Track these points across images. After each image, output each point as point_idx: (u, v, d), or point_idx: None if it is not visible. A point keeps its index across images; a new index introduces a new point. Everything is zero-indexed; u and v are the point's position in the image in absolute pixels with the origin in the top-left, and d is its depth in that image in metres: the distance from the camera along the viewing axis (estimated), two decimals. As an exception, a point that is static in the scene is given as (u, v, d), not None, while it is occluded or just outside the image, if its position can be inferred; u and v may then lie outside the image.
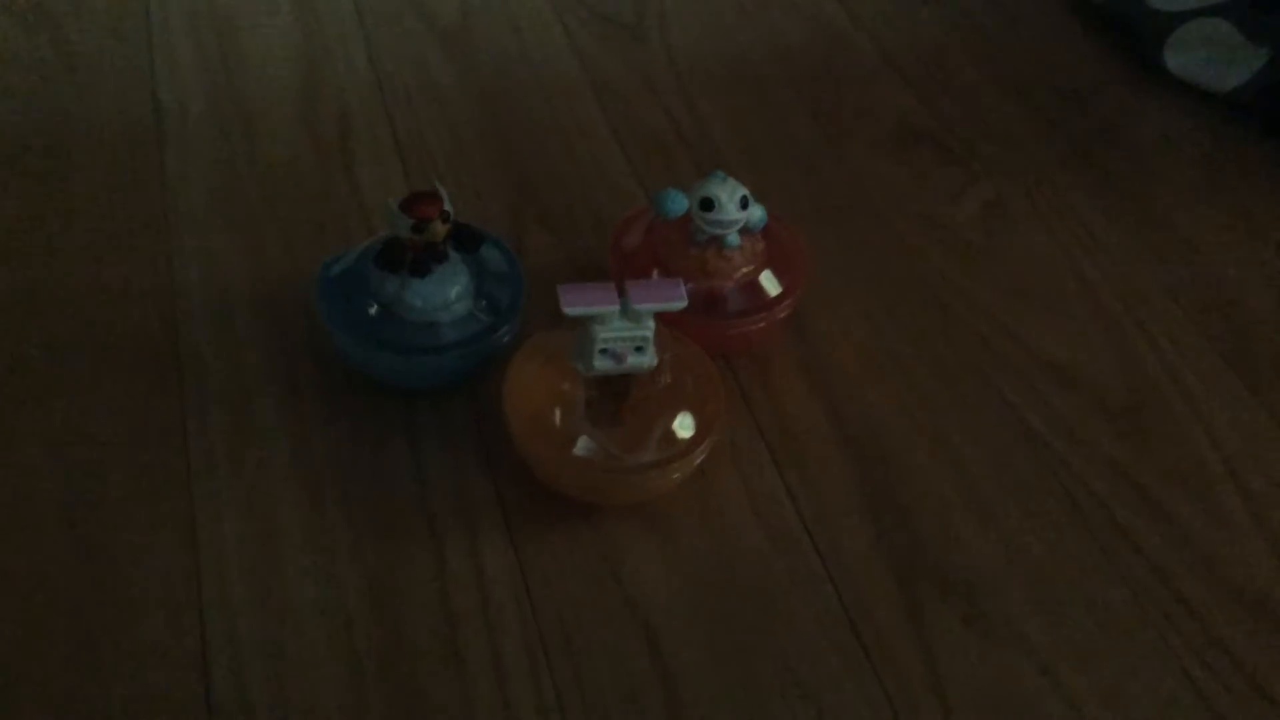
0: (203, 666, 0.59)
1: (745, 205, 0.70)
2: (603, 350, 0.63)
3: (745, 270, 0.72)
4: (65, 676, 0.59)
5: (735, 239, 0.71)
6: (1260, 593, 0.66)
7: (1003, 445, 0.72)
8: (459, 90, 0.92)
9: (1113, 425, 0.73)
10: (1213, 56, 0.95)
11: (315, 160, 0.86)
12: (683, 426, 0.65)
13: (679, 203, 0.69)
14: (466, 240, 0.68)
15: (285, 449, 0.68)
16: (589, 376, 0.64)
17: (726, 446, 0.70)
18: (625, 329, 0.62)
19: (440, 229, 0.66)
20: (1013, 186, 0.88)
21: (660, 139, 0.90)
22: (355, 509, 0.66)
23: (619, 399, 0.65)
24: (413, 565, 0.64)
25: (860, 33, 1.01)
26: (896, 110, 0.94)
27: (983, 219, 0.86)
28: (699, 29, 1.00)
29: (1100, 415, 0.74)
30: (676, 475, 0.65)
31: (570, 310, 0.62)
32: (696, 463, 0.65)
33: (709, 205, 0.69)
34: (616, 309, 0.62)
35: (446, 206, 0.66)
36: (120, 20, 0.95)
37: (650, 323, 0.63)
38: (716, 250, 0.71)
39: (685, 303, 0.63)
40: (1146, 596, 0.65)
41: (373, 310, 0.68)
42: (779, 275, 0.73)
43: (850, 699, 0.60)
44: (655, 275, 0.71)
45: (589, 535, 0.66)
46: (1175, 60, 0.96)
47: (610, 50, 0.97)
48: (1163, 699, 0.61)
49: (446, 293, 0.68)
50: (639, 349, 0.63)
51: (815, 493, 0.69)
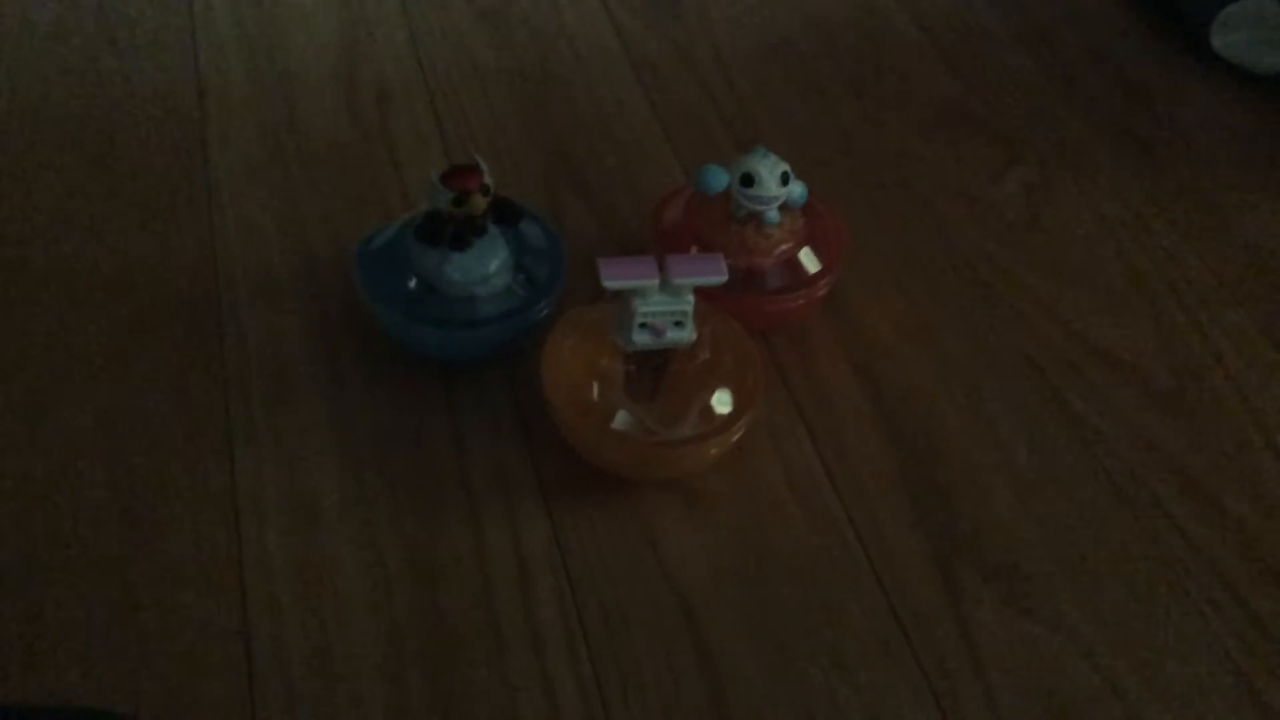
0: (244, 635, 0.60)
1: (786, 181, 0.69)
2: (642, 324, 0.63)
3: (784, 247, 0.72)
4: (107, 644, 0.59)
5: (775, 215, 0.70)
6: (1304, 576, 0.65)
7: (1043, 425, 0.71)
8: (498, 67, 0.92)
9: (1156, 407, 0.72)
10: (1258, 37, 0.94)
11: (355, 135, 0.86)
12: (721, 402, 0.64)
13: (719, 178, 0.69)
14: (506, 214, 0.68)
15: (325, 420, 0.69)
16: (628, 351, 0.64)
17: (764, 423, 0.70)
18: (665, 303, 0.62)
19: (480, 202, 0.66)
20: (1055, 166, 0.87)
21: (699, 116, 0.89)
22: (395, 480, 0.66)
23: (657, 374, 0.65)
24: (451, 537, 0.64)
25: (902, 10, 1.00)
26: (938, 89, 0.93)
27: (1025, 198, 0.85)
28: (739, 6, 0.99)
29: (1143, 397, 0.73)
30: (714, 451, 0.65)
31: (610, 283, 0.62)
32: (734, 439, 0.65)
33: (749, 181, 0.69)
34: (656, 283, 0.62)
35: (486, 180, 0.66)
36: (163, -4, 0.96)
37: (690, 297, 0.63)
38: (756, 226, 0.70)
39: (725, 277, 0.63)
40: (1188, 578, 0.65)
41: (412, 283, 0.68)
42: (818, 252, 0.73)
43: (888, 677, 0.60)
44: (694, 251, 0.71)
45: (626, 510, 0.66)
46: (1220, 41, 0.95)
47: (650, 27, 0.97)
48: (1203, 680, 0.61)
49: (486, 266, 0.68)
50: (678, 324, 0.63)
51: (853, 471, 0.68)
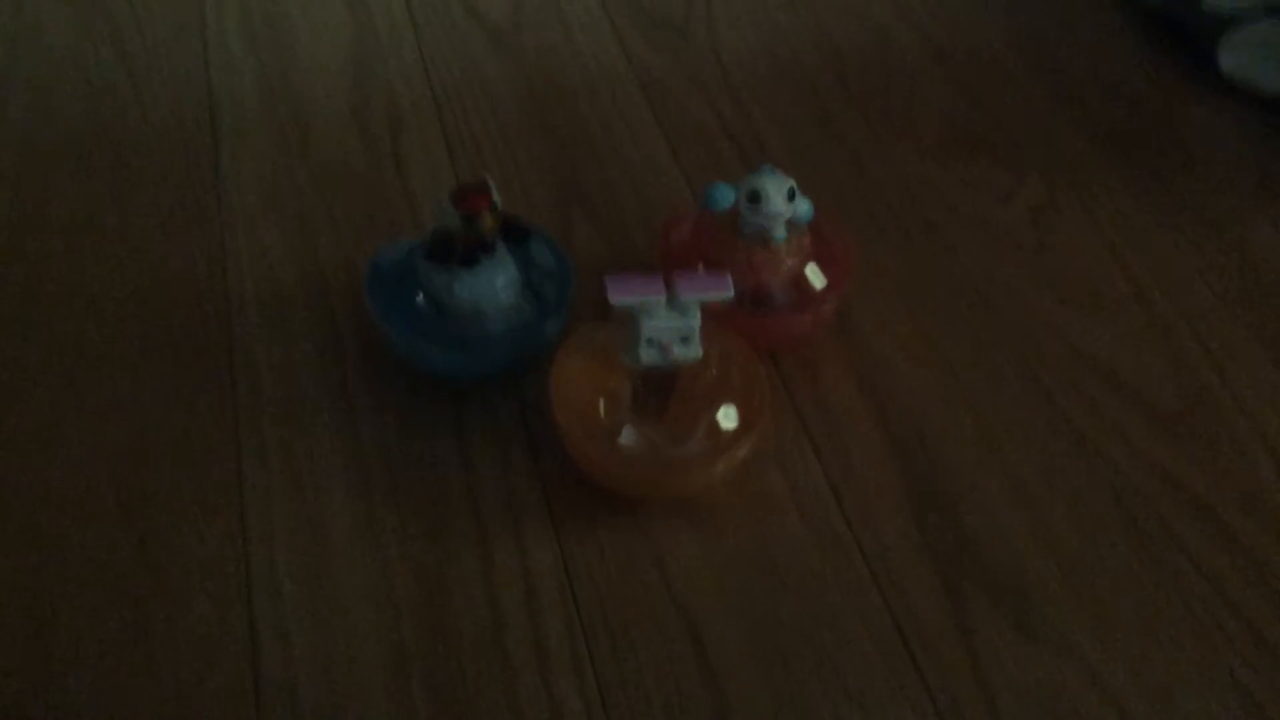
0: (251, 655, 0.60)
1: (792, 198, 0.70)
2: (649, 341, 0.63)
3: (791, 264, 0.72)
4: (117, 663, 0.60)
5: (782, 233, 0.70)
6: (1314, 598, 0.65)
7: (1050, 447, 0.71)
8: (508, 87, 0.93)
9: (1163, 429, 0.72)
10: (1265, 59, 0.94)
11: (366, 155, 0.86)
12: (727, 420, 0.65)
13: (726, 196, 0.69)
14: (515, 233, 0.69)
15: (334, 439, 0.69)
16: (635, 369, 0.64)
17: (771, 442, 0.70)
18: (672, 320, 0.62)
19: (489, 221, 0.67)
20: (1062, 188, 0.88)
21: (707, 136, 0.90)
22: (403, 499, 0.66)
23: (664, 392, 0.65)
24: (459, 557, 0.64)
25: (910, 32, 1.00)
26: (945, 110, 0.94)
27: (1032, 220, 0.85)
28: (747, 27, 1.00)
29: (1150, 418, 0.73)
30: (721, 468, 0.65)
31: (617, 300, 0.62)
32: (741, 457, 0.65)
33: (756, 198, 0.69)
34: (663, 299, 0.62)
35: (495, 199, 0.67)
36: (176, 17, 0.97)
37: (696, 314, 0.63)
38: (763, 244, 0.71)
39: (732, 294, 0.63)
40: (1196, 601, 0.64)
41: (421, 303, 0.69)
42: (825, 270, 0.73)
43: (894, 700, 0.60)
44: (701, 269, 0.71)
45: (633, 529, 0.66)
46: (1228, 62, 0.95)
47: (658, 48, 0.97)
48: (1212, 705, 0.60)
49: (494, 285, 0.68)
50: (685, 341, 0.63)
51: (860, 490, 0.68)
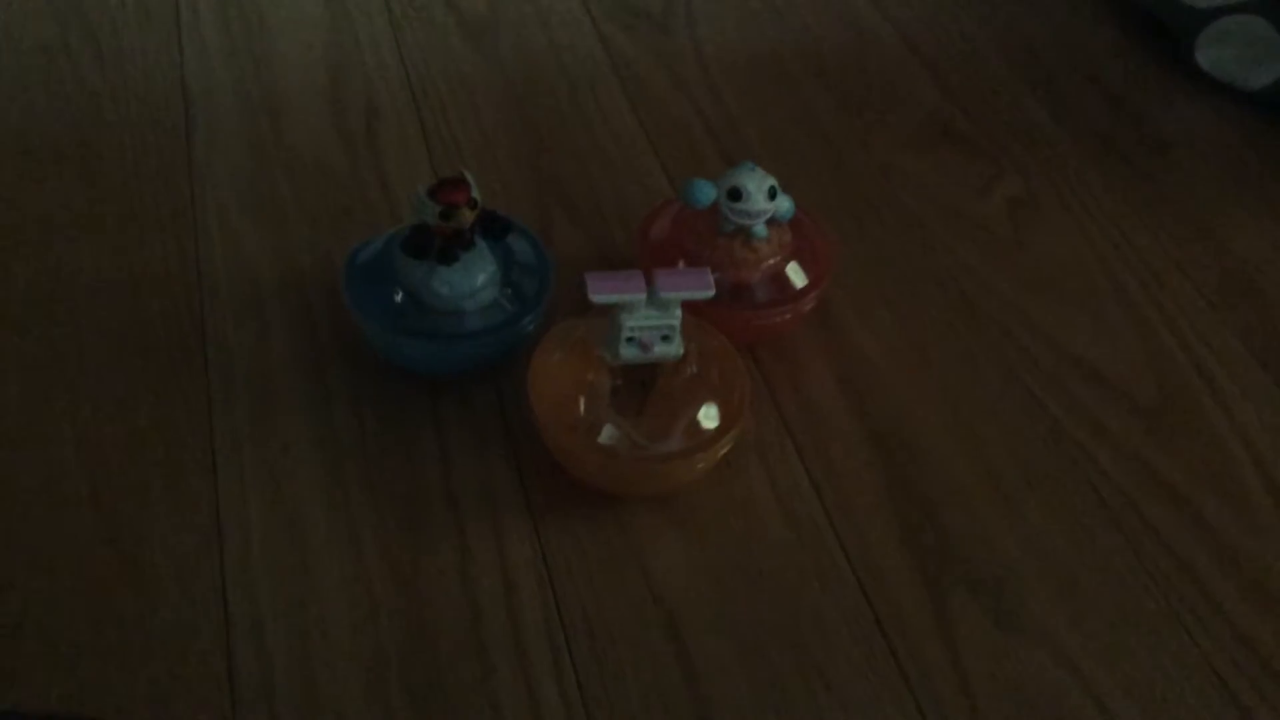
0: (225, 649, 0.59)
1: (773, 196, 0.69)
2: (629, 339, 0.63)
3: (772, 261, 0.72)
4: (90, 658, 0.59)
5: (762, 230, 0.70)
6: (1290, 592, 0.65)
7: (1029, 441, 0.71)
8: (485, 81, 0.92)
9: (1141, 422, 0.73)
10: (1244, 54, 0.95)
11: (342, 148, 0.86)
12: (708, 417, 0.64)
13: (706, 192, 0.69)
14: (494, 227, 0.68)
15: (310, 433, 0.68)
16: (615, 365, 0.64)
17: (751, 438, 0.70)
18: (652, 317, 0.62)
19: (468, 215, 0.66)
20: (1041, 181, 0.88)
21: (687, 131, 0.90)
22: (379, 494, 0.66)
23: (644, 388, 0.65)
24: (436, 551, 0.64)
25: (888, 26, 1.00)
26: (924, 104, 0.94)
27: (1010, 214, 0.85)
28: (726, 21, 1.00)
29: (1128, 412, 0.73)
30: (701, 465, 0.65)
31: (597, 297, 0.61)
32: (721, 453, 0.65)
33: (737, 195, 0.69)
34: (644, 297, 0.62)
35: (474, 193, 0.66)
36: (149, 8, 0.96)
37: (677, 311, 0.63)
38: (743, 241, 0.70)
39: (713, 291, 0.63)
40: (1174, 594, 0.65)
41: (399, 297, 0.68)
42: (805, 267, 0.73)
43: (874, 694, 0.60)
44: (681, 265, 0.71)
45: (612, 524, 0.66)
46: (1206, 57, 0.95)
47: (637, 42, 0.97)
48: (1190, 697, 0.61)
49: (473, 280, 0.68)
50: (666, 338, 0.63)
51: (840, 486, 0.68)
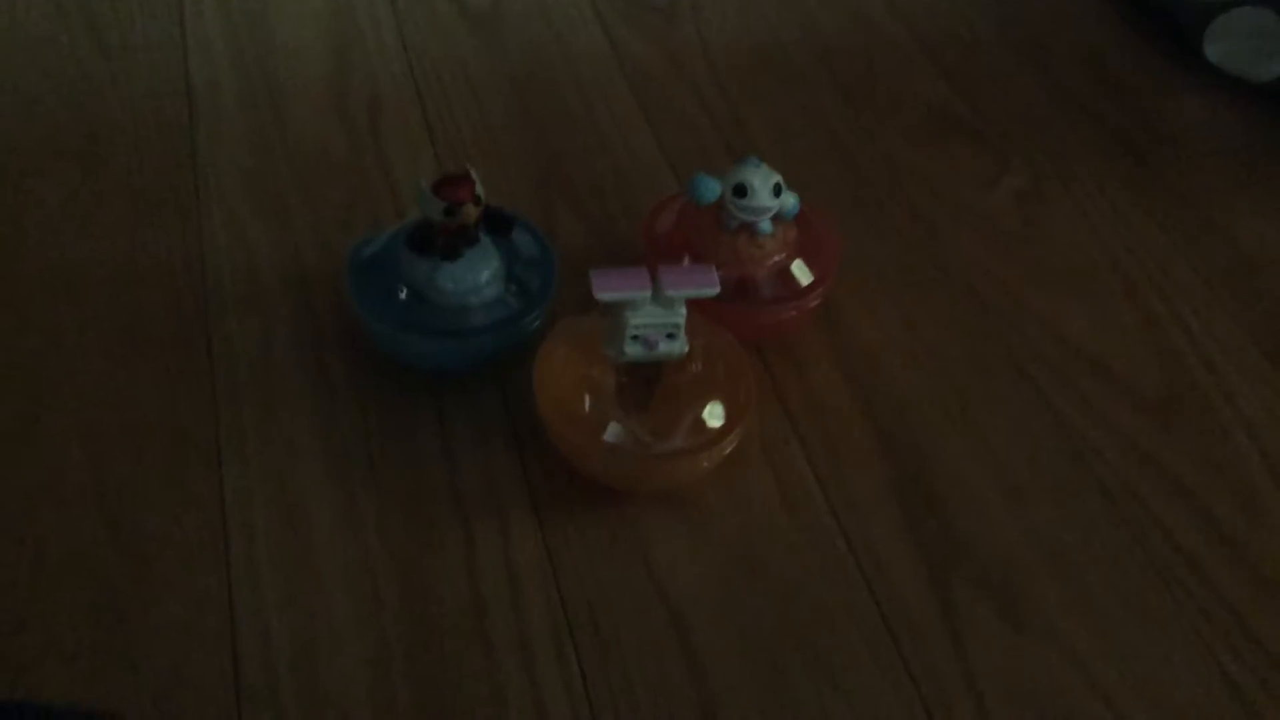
0: (231, 645, 0.59)
1: (779, 192, 0.69)
2: (634, 336, 0.62)
3: (777, 258, 0.71)
4: (93, 653, 0.59)
5: (768, 226, 0.70)
6: (1297, 589, 0.65)
7: (1036, 436, 0.71)
8: (490, 74, 0.92)
9: (1148, 417, 0.72)
10: (1253, 46, 0.94)
11: (345, 141, 0.85)
12: (713, 415, 0.64)
13: (712, 189, 0.69)
14: (498, 224, 0.68)
15: (314, 429, 0.68)
16: (620, 363, 0.64)
17: (756, 434, 0.69)
18: (657, 315, 0.62)
19: (472, 212, 0.66)
20: (1048, 175, 0.87)
21: (693, 124, 0.89)
22: (384, 491, 0.66)
23: (649, 385, 0.65)
24: (441, 548, 0.64)
25: (895, 19, 1.00)
26: (931, 97, 0.93)
27: (1017, 207, 0.85)
28: (732, 14, 0.99)
29: (1135, 406, 0.73)
30: (706, 463, 0.65)
31: (602, 295, 0.61)
32: (726, 451, 0.65)
33: (742, 191, 0.68)
34: (649, 294, 0.62)
35: (478, 189, 0.66)
36: (153, 1, 0.95)
37: (682, 309, 0.62)
38: (749, 237, 0.70)
39: (718, 289, 0.63)
40: (1181, 589, 0.64)
41: (403, 293, 0.68)
42: (811, 263, 0.73)
43: (880, 690, 0.60)
44: (686, 261, 0.70)
45: (617, 521, 0.66)
46: (1214, 50, 0.95)
47: (643, 35, 0.96)
48: (1197, 692, 0.61)
49: (477, 276, 0.67)
50: (670, 335, 0.63)
51: (846, 482, 0.68)
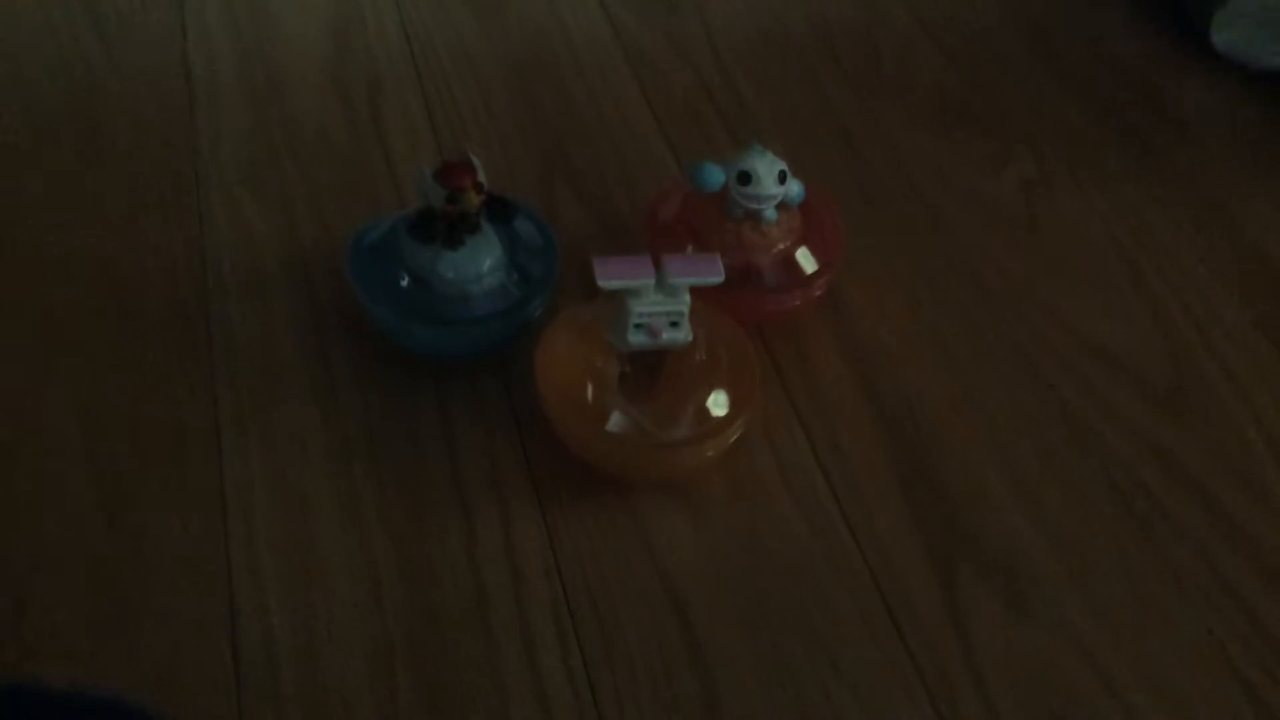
0: (231, 635, 0.59)
1: (783, 180, 0.68)
2: (637, 324, 0.62)
3: (781, 245, 0.71)
4: (94, 642, 0.59)
5: (772, 213, 0.69)
6: (1304, 579, 0.65)
7: (1042, 424, 0.70)
8: (491, 59, 0.91)
9: (1155, 406, 0.72)
10: (1261, 33, 0.93)
11: (346, 127, 0.85)
12: (716, 403, 0.64)
13: (716, 176, 0.68)
14: (500, 211, 0.68)
15: (315, 417, 0.68)
16: (623, 351, 0.63)
17: (760, 422, 0.69)
18: (661, 303, 0.61)
19: (474, 199, 0.65)
20: (1054, 162, 0.87)
21: (696, 111, 0.88)
22: (385, 479, 0.65)
23: (653, 374, 0.64)
24: (442, 536, 0.63)
25: (900, 4, 0.99)
26: (936, 84, 0.92)
27: (1024, 194, 0.84)
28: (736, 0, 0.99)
29: (1143, 396, 0.72)
30: (710, 453, 0.65)
31: (605, 283, 0.61)
32: (730, 440, 0.64)
33: (746, 179, 0.68)
34: (652, 282, 0.61)
35: (480, 177, 0.66)
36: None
37: (686, 297, 0.62)
38: (753, 224, 0.70)
39: (722, 277, 0.62)
40: (1188, 579, 0.64)
41: (405, 281, 0.67)
42: (815, 251, 0.72)
43: (884, 678, 0.60)
44: (690, 249, 0.70)
45: (620, 508, 0.65)
46: (1222, 37, 0.94)
47: (645, 20, 0.96)
48: (1203, 682, 0.60)
49: (479, 264, 0.67)
50: (674, 324, 0.62)
51: (850, 470, 0.68)
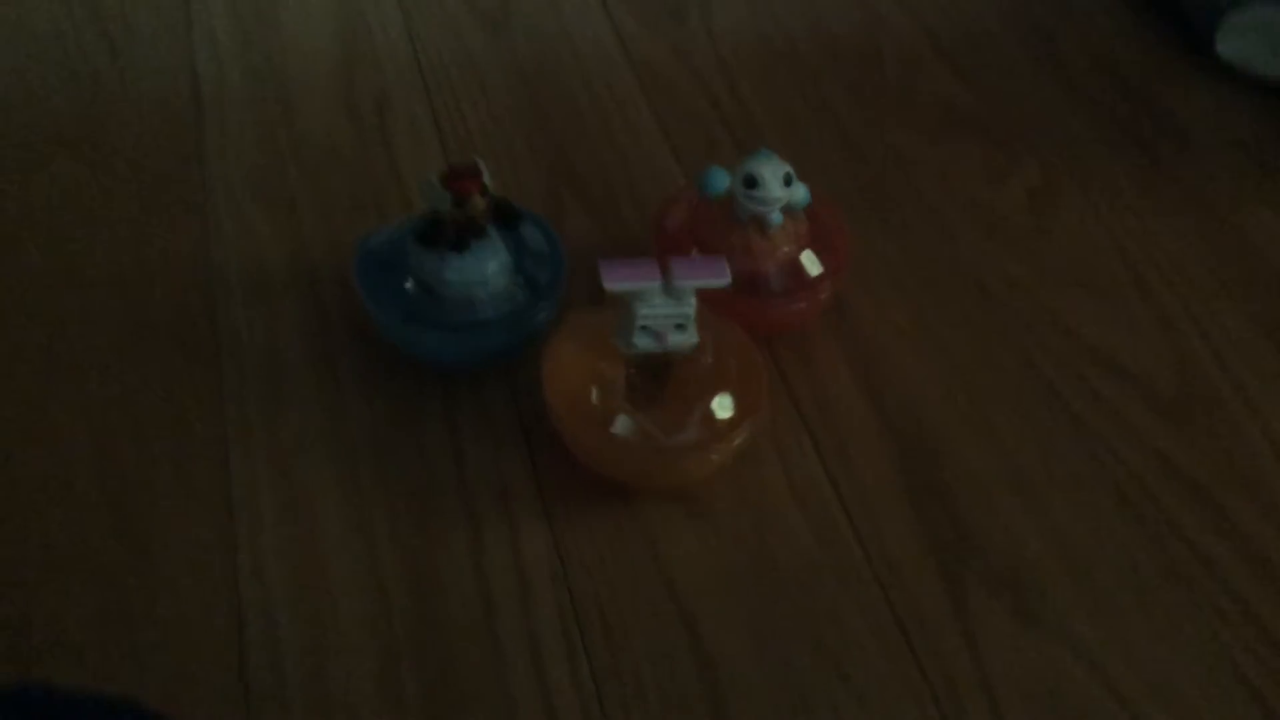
0: (237, 642, 0.59)
1: (788, 183, 0.68)
2: (643, 328, 0.62)
3: (787, 250, 0.71)
4: (100, 652, 0.58)
5: (778, 218, 0.69)
6: (1314, 587, 0.64)
7: (1049, 433, 0.70)
8: (497, 68, 0.91)
9: (1162, 415, 0.72)
10: (1264, 43, 0.93)
11: (353, 136, 0.85)
12: (723, 408, 0.64)
13: (722, 180, 0.68)
14: (506, 216, 0.67)
15: (322, 425, 0.68)
16: (629, 355, 0.63)
17: (767, 429, 0.69)
18: (667, 306, 0.61)
19: (480, 204, 0.65)
20: (1059, 171, 0.87)
21: (701, 119, 0.89)
22: (392, 485, 0.65)
23: (659, 379, 0.64)
24: (449, 544, 0.63)
25: (904, 14, 0.99)
26: (940, 92, 0.92)
27: (1028, 203, 0.84)
28: (741, 9, 0.98)
29: (1149, 405, 0.72)
30: (716, 457, 0.64)
31: (611, 286, 0.61)
32: (736, 445, 0.64)
33: (752, 183, 0.68)
34: (658, 286, 0.61)
35: (486, 181, 0.66)
36: (159, -5, 0.95)
37: (692, 301, 0.62)
38: (758, 229, 0.70)
39: (729, 280, 0.62)
40: (1197, 590, 0.64)
41: (410, 286, 0.67)
42: (820, 256, 0.72)
43: (893, 689, 0.59)
44: (695, 254, 0.70)
45: (627, 516, 0.65)
46: (1226, 47, 0.94)
47: (651, 29, 0.96)
48: (1213, 694, 0.60)
49: (485, 269, 0.67)
50: (680, 327, 0.62)
51: (857, 478, 0.67)
